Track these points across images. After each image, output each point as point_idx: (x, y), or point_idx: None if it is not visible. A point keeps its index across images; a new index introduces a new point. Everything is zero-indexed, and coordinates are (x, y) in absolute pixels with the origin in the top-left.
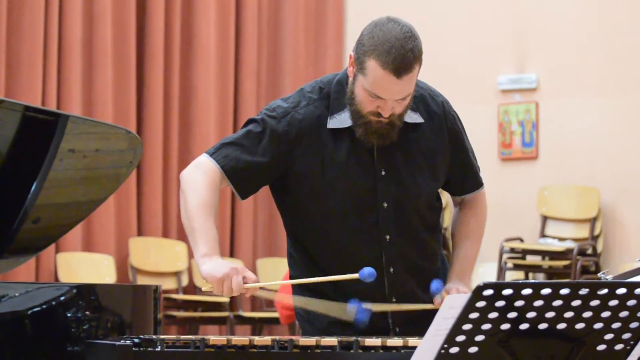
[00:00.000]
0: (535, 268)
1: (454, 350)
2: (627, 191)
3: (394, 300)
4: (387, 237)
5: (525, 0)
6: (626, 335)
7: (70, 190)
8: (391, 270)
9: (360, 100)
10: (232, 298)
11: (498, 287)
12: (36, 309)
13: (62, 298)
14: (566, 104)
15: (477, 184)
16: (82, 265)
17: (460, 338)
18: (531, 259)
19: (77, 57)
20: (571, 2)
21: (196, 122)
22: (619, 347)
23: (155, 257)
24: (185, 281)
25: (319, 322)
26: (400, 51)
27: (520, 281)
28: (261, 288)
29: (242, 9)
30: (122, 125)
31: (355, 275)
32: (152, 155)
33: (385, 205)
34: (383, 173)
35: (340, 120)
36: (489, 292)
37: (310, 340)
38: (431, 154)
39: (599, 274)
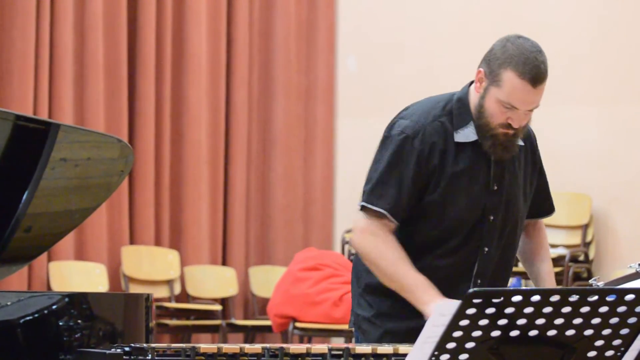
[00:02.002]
0: (527, 275)
1: (445, 357)
2: (619, 198)
3: None
4: (486, 249)
5: (516, 8)
6: (616, 342)
7: (62, 199)
8: (478, 282)
9: (491, 113)
10: (223, 305)
11: (488, 294)
12: (28, 318)
13: (54, 307)
14: (558, 112)
15: (552, 207)
16: (75, 274)
17: (451, 345)
18: (523, 266)
19: (69, 66)
20: (562, 10)
21: (188, 131)
22: (609, 353)
23: (148, 266)
24: (177, 289)
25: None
26: (535, 62)
27: (511, 288)
28: None
29: (234, 19)
30: (114, 134)
31: None
32: (144, 164)
33: (492, 218)
34: (495, 188)
35: (465, 134)
36: (479, 299)
37: (301, 348)
38: (526, 176)
39: (589, 281)
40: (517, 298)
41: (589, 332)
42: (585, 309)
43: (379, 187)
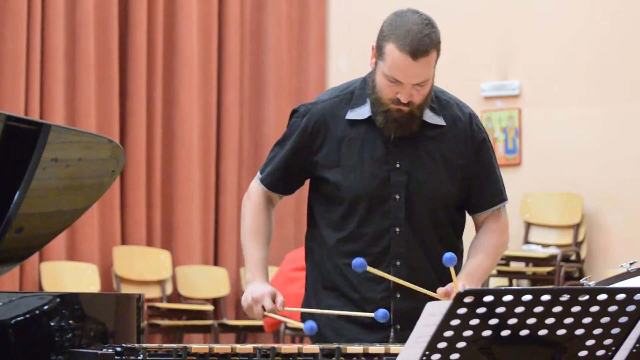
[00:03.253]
0: (519, 274)
1: (436, 357)
2: (611, 197)
3: (398, 295)
4: (397, 229)
5: (508, 7)
6: (607, 341)
7: (53, 200)
8: (397, 263)
9: (380, 87)
10: (215, 305)
11: (479, 293)
12: (20, 318)
13: (45, 307)
14: (549, 111)
15: (496, 200)
16: (66, 275)
17: (442, 345)
18: (515, 266)
19: (60, 66)
20: (555, 9)
21: (179, 131)
22: (600, 352)
23: (140, 266)
24: (169, 290)
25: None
26: (417, 35)
27: (501, 288)
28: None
29: (225, 19)
30: (105, 135)
31: (370, 315)
32: (136, 164)
33: (397, 197)
34: (398, 165)
35: (360, 112)
36: (470, 298)
37: (292, 348)
38: (451, 158)
39: (581, 280)
40: (508, 298)
41: (580, 331)
42: (576, 309)
43: (269, 159)
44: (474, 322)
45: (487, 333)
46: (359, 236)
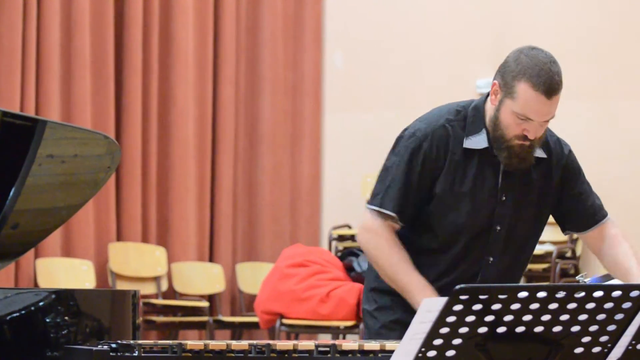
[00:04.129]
0: None
1: (432, 354)
2: (607, 195)
3: None
4: (490, 259)
5: (504, 3)
6: (603, 338)
7: (49, 196)
8: None
9: (506, 125)
10: (211, 302)
11: (475, 290)
12: (15, 315)
13: (40, 303)
14: None
15: (598, 214)
16: (62, 271)
17: (438, 342)
18: None
19: (56, 63)
20: (551, 5)
21: (175, 128)
22: (596, 349)
23: (135, 262)
24: (164, 286)
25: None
26: (549, 73)
27: (497, 285)
28: None
29: (221, 15)
30: (101, 131)
31: None
32: (131, 161)
33: (498, 228)
34: (503, 198)
35: (476, 141)
36: (466, 295)
37: (288, 345)
38: (544, 189)
39: (577, 277)
40: (503, 294)
41: (575, 328)
42: (572, 306)
43: (387, 188)
44: (470, 318)
45: (483, 330)
46: (454, 263)
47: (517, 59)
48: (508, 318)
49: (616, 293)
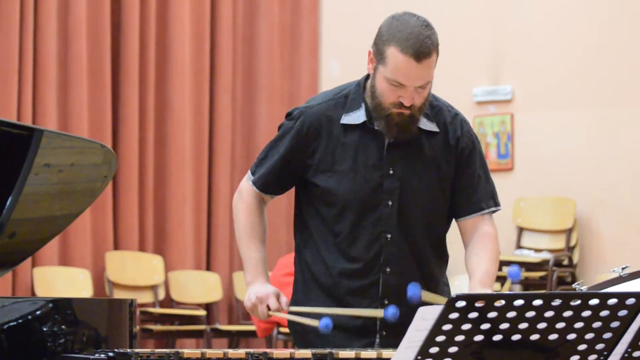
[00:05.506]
0: None
1: None
2: (603, 202)
3: (386, 302)
4: (389, 236)
5: (500, 12)
6: (599, 346)
7: (46, 205)
8: (387, 270)
9: (381, 92)
10: (208, 310)
11: (471, 298)
12: (12, 324)
13: (37, 312)
14: (541, 116)
15: (489, 204)
16: (59, 280)
17: (434, 350)
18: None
19: (52, 71)
20: (547, 14)
21: (171, 136)
22: (592, 357)
23: (132, 271)
24: (162, 295)
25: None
26: (419, 37)
27: (493, 293)
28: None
29: (217, 24)
30: (98, 140)
31: (379, 312)
32: (128, 169)
33: (390, 203)
34: (391, 172)
35: (354, 117)
36: (461, 303)
37: (285, 353)
38: (443, 165)
39: (573, 285)
40: (499, 302)
41: (571, 336)
42: (568, 313)
43: (261, 160)
44: (466, 326)
45: (479, 338)
46: (351, 240)
47: (389, 25)
48: (504, 326)
49: (612, 301)
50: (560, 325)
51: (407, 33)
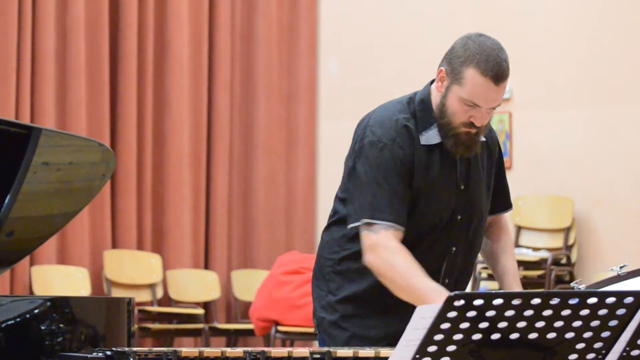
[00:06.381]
0: None
1: None
2: (601, 201)
3: None
4: (454, 249)
5: (498, 10)
6: (598, 345)
7: (44, 203)
8: (446, 281)
9: (453, 112)
10: (206, 309)
11: (469, 297)
12: (10, 322)
13: (35, 311)
14: (540, 114)
15: (509, 203)
16: (57, 278)
17: (432, 348)
18: None
19: (51, 70)
20: (545, 12)
21: (170, 135)
22: (590, 356)
23: (130, 270)
24: (160, 293)
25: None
26: (497, 60)
27: (492, 291)
28: None
29: (216, 22)
30: (96, 138)
31: None
32: (126, 168)
33: (459, 217)
34: (462, 188)
35: (429, 137)
36: (460, 302)
37: (283, 352)
38: (488, 172)
39: (571, 284)
40: (498, 301)
41: (570, 335)
42: (566, 312)
43: (375, 200)
44: (464, 325)
45: (477, 336)
46: (418, 254)
47: (465, 45)
48: (502, 325)
49: (610, 299)
50: (559, 324)
51: (487, 55)
